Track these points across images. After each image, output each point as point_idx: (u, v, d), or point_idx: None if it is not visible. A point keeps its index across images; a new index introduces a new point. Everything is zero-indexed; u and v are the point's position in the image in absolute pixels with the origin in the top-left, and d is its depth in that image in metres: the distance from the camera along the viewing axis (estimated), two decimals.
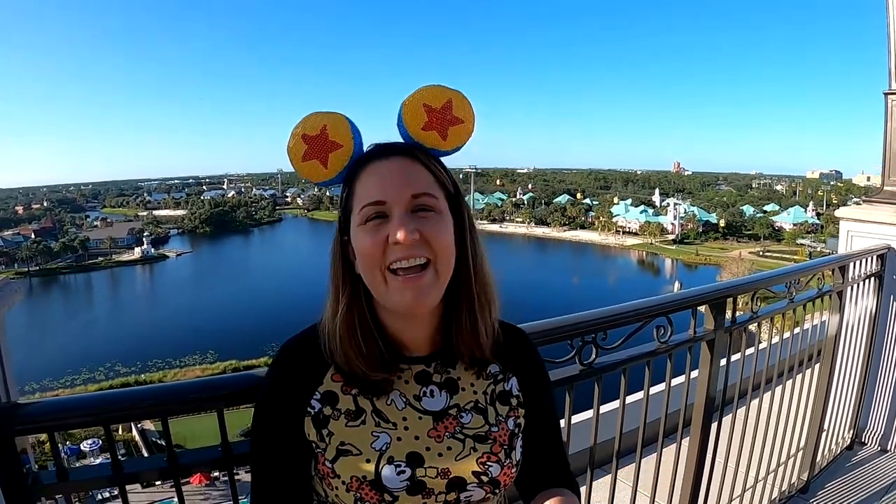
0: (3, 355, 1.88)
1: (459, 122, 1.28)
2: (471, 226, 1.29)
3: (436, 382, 1.31)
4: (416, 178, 1.21)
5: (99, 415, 1.50)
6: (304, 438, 1.25)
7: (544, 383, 1.47)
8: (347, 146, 1.22)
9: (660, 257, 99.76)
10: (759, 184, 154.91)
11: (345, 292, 1.25)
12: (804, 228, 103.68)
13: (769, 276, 3.16)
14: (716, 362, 2.78)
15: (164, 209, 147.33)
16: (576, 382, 2.16)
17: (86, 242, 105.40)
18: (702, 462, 2.89)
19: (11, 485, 1.42)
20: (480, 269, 1.29)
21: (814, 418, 3.82)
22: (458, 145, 1.31)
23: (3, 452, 1.40)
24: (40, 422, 1.47)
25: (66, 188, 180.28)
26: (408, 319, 1.27)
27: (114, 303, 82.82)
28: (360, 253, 1.20)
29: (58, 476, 1.49)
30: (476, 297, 1.27)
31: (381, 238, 1.16)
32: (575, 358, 2.15)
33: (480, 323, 1.28)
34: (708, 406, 2.82)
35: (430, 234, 1.17)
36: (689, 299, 2.63)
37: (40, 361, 50.25)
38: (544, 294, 71.21)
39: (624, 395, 2.39)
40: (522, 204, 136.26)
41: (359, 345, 1.23)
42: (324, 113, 1.22)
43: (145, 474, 1.55)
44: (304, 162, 1.22)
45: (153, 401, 1.48)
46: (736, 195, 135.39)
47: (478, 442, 1.28)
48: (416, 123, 1.25)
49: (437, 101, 1.26)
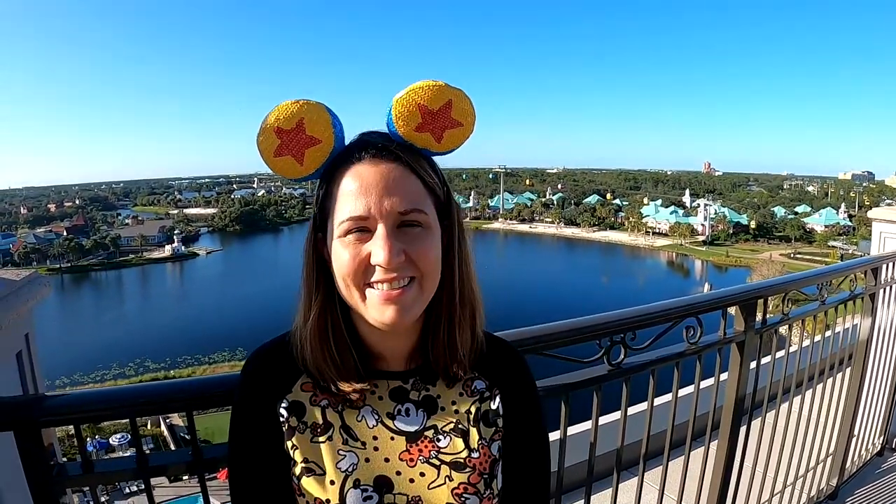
0: (32, 348, 1.88)
1: (458, 125, 1.17)
2: (460, 233, 1.19)
3: (412, 400, 1.20)
4: (405, 189, 1.09)
5: (124, 408, 1.50)
6: (282, 450, 1.16)
7: (531, 402, 1.32)
8: (327, 142, 1.12)
9: (690, 258, 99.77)
10: (790, 185, 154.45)
11: (318, 296, 1.16)
12: (836, 230, 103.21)
13: (800, 278, 3.10)
14: (746, 364, 2.73)
15: (195, 207, 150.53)
16: (603, 383, 2.13)
17: (117, 240, 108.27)
18: (730, 466, 2.84)
19: (37, 475, 1.43)
20: (466, 279, 1.20)
21: (844, 423, 3.75)
22: (453, 148, 1.19)
23: (29, 443, 1.41)
24: (66, 414, 1.47)
25: (98, 186, 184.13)
26: (386, 331, 1.13)
27: (144, 299, 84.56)
28: (337, 267, 1.10)
29: (83, 468, 1.49)
30: (457, 309, 1.18)
31: (362, 256, 1.07)
32: (603, 358, 2.11)
33: (458, 337, 1.18)
34: (737, 409, 2.78)
35: (417, 254, 1.08)
36: (720, 300, 2.58)
37: (71, 356, 51.37)
38: (573, 294, 71.12)
39: (652, 397, 2.34)
40: (552, 204, 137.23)
41: (331, 353, 1.14)
42: (301, 102, 1.10)
43: (170, 468, 1.54)
44: (277, 158, 1.11)
45: (178, 394, 1.48)
46: (767, 196, 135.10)
47: (454, 469, 1.16)
48: (409, 124, 1.13)
49: (434, 102, 1.13)
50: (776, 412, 3.11)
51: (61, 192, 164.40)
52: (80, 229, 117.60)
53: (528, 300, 68.77)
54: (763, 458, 3.10)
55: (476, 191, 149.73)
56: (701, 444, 2.76)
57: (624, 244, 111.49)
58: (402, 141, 1.14)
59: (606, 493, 2.46)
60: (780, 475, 3.29)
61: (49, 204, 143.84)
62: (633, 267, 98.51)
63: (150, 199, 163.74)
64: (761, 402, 3.00)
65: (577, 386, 2.07)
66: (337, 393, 1.15)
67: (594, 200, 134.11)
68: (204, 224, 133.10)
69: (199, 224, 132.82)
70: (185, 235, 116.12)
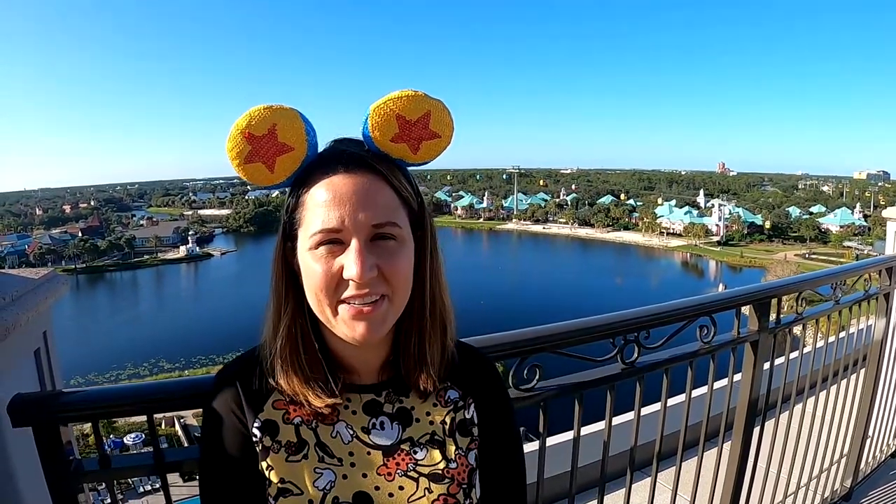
0: (50, 346, 1.90)
1: (435, 136, 1.13)
2: (433, 244, 1.17)
3: (387, 413, 1.18)
4: (379, 201, 1.06)
5: (141, 404, 1.51)
6: (255, 471, 1.13)
7: (504, 409, 1.31)
8: (300, 149, 1.08)
9: (704, 259, 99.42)
10: (805, 185, 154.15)
11: (288, 308, 1.13)
12: (851, 230, 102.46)
13: (814, 277, 3.08)
14: (759, 364, 2.71)
15: (209, 208, 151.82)
16: (617, 381, 2.12)
17: (132, 241, 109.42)
18: (743, 466, 2.83)
19: (54, 470, 1.44)
20: (437, 291, 1.18)
21: (858, 424, 3.73)
22: (429, 159, 1.16)
23: (47, 439, 1.42)
24: (83, 409, 1.48)
25: (113, 188, 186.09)
26: (356, 345, 1.11)
27: (159, 300, 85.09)
28: (308, 281, 1.07)
29: (100, 463, 1.50)
30: (428, 322, 1.17)
31: (334, 270, 1.04)
32: (616, 357, 2.11)
33: (429, 350, 1.17)
34: (751, 409, 2.76)
35: (389, 269, 1.06)
36: (733, 299, 2.57)
37: (86, 356, 51.62)
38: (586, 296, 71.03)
39: (666, 396, 2.33)
40: (566, 204, 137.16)
41: (302, 368, 1.12)
42: (273, 108, 1.06)
43: (186, 464, 1.55)
44: (247, 164, 1.07)
45: (195, 391, 1.48)
46: (781, 196, 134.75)
47: (433, 481, 1.15)
48: (386, 134, 1.10)
49: (412, 112, 1.10)
50: (790, 413, 3.09)
51: (76, 194, 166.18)
52: (95, 230, 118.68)
53: (541, 301, 68.66)
54: (777, 458, 3.08)
55: (490, 191, 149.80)
56: (714, 444, 2.75)
57: (638, 245, 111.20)
58: (378, 151, 1.12)
59: (619, 494, 2.46)
60: (794, 476, 3.27)
61: (64, 205, 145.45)
62: (647, 268, 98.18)
63: (165, 200, 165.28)
64: (775, 403, 2.98)
65: (591, 384, 2.07)
66: (310, 409, 1.13)
67: (608, 201, 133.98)
68: (218, 225, 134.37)
69: (214, 225, 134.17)
70: (199, 236, 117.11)
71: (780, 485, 3.19)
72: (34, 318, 1.73)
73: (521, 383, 1.88)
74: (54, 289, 1.92)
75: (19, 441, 1.52)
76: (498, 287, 79.45)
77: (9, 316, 1.56)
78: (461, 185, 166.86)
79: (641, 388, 2.24)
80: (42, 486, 1.46)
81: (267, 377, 1.15)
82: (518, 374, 1.87)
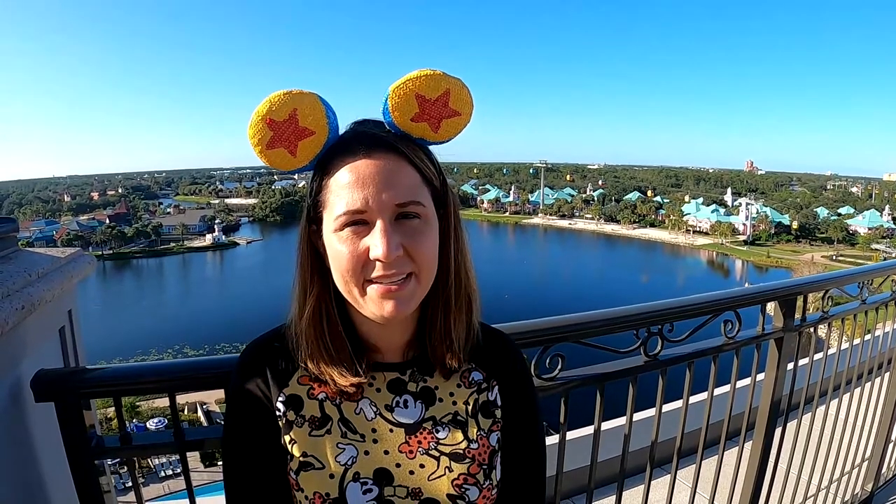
0: (74, 324, 1.92)
1: (455, 114, 1.14)
2: (457, 223, 1.18)
3: (410, 392, 1.20)
4: (402, 181, 1.07)
5: (164, 381, 1.52)
6: (278, 444, 1.16)
7: (528, 394, 1.32)
8: (321, 133, 1.09)
9: (730, 258, 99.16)
10: (833, 185, 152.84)
11: (313, 289, 1.15)
12: (879, 233, 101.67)
13: (841, 276, 3.02)
14: (783, 362, 2.68)
15: (236, 198, 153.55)
16: (639, 374, 2.10)
17: (158, 228, 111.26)
18: (764, 467, 2.80)
19: (76, 445, 1.46)
20: (462, 269, 1.19)
21: (881, 428, 3.67)
22: (450, 137, 1.17)
23: (70, 415, 1.44)
24: (105, 386, 1.50)
25: (141, 175, 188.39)
26: (383, 324, 1.13)
27: (184, 287, 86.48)
28: (335, 262, 1.09)
29: (121, 440, 1.52)
30: (453, 300, 1.18)
31: (360, 250, 1.05)
32: (640, 349, 2.09)
33: (455, 328, 1.18)
34: (773, 409, 2.73)
35: (415, 247, 1.07)
36: (759, 294, 2.53)
37: (111, 341, 52.57)
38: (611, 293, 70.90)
39: (688, 391, 2.31)
40: (592, 200, 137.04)
41: (327, 347, 1.14)
42: (293, 93, 1.06)
43: (207, 443, 1.56)
44: (270, 150, 1.08)
45: (217, 370, 1.48)
46: (810, 196, 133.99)
47: (454, 460, 1.16)
48: (406, 114, 1.11)
49: (432, 91, 1.10)
50: (812, 414, 3.05)
51: (104, 181, 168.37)
52: (123, 217, 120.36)
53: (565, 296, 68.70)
54: (798, 460, 3.05)
55: (516, 185, 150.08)
56: (735, 443, 2.73)
57: (664, 242, 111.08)
58: (398, 131, 1.13)
59: (638, 490, 2.44)
60: (815, 478, 3.24)
61: (92, 192, 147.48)
62: (673, 265, 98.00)
63: (192, 188, 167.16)
64: (798, 404, 2.95)
65: (613, 376, 2.05)
66: (334, 386, 1.15)
67: (635, 197, 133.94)
68: (244, 214, 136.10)
69: (240, 214, 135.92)
70: (225, 225, 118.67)
71: (800, 487, 3.16)
72: (59, 296, 1.75)
73: (543, 372, 1.87)
74: (80, 268, 1.93)
75: (41, 417, 1.54)
76: (523, 280, 79.50)
77: (35, 292, 1.57)
78: (488, 179, 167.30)
79: (664, 382, 2.22)
80: (63, 462, 1.47)
81: (293, 355, 1.17)
82: (541, 363, 1.86)
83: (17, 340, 1.53)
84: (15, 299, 1.48)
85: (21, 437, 1.54)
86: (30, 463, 1.57)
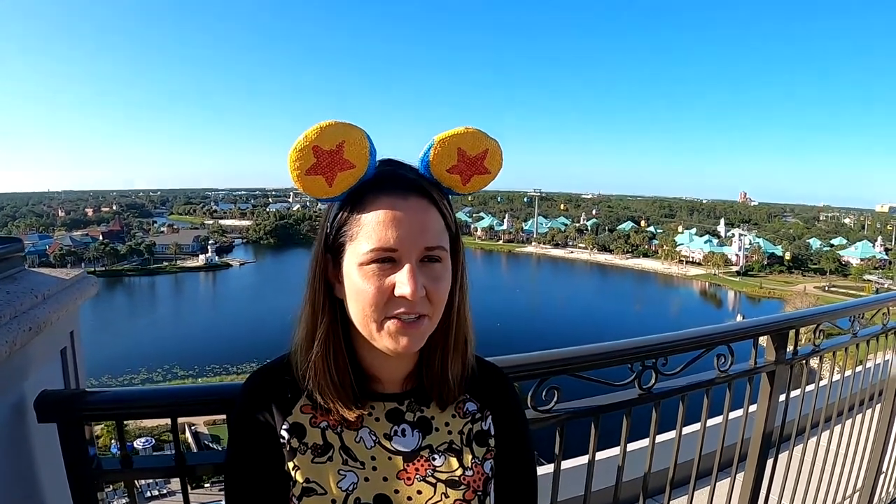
0: (76, 346, 1.93)
1: (486, 172, 1.21)
2: (463, 268, 1.24)
3: (408, 421, 1.24)
4: (432, 225, 1.12)
5: (165, 406, 1.54)
6: (281, 470, 1.18)
7: (520, 424, 1.37)
8: (360, 167, 1.11)
9: (723, 289, 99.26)
10: (826, 216, 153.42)
11: (324, 317, 1.17)
12: (872, 264, 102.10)
13: (833, 310, 3.06)
14: (775, 395, 2.70)
15: (230, 219, 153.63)
16: (633, 406, 2.13)
17: (152, 247, 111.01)
18: (755, 497, 2.81)
19: (76, 467, 1.47)
20: (462, 310, 1.23)
21: (872, 459, 3.68)
22: (474, 191, 1.24)
23: (71, 436, 1.45)
24: (108, 409, 1.52)
25: (136, 193, 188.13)
26: (388, 356, 1.17)
27: (176, 306, 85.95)
28: (357, 295, 1.11)
29: (122, 463, 1.53)
30: (452, 338, 1.22)
31: (385, 287, 1.08)
32: (634, 382, 2.12)
33: (451, 365, 1.23)
34: (765, 440, 2.74)
35: (434, 291, 1.11)
36: (751, 329, 2.57)
37: (102, 359, 51.84)
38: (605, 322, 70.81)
39: (681, 423, 2.34)
40: (586, 229, 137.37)
41: (332, 377, 1.16)
42: (344, 125, 1.08)
43: (207, 467, 1.57)
44: (307, 176, 1.09)
45: (219, 396, 1.51)
46: (802, 227, 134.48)
47: (450, 487, 1.20)
48: (444, 164, 1.16)
49: (473, 148, 1.17)
50: (804, 445, 3.07)
51: (99, 198, 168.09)
52: (116, 234, 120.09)
53: (558, 325, 68.52)
54: (789, 490, 3.05)
55: (510, 214, 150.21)
56: (727, 474, 2.74)
57: (657, 272, 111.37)
58: (431, 178, 1.18)
59: None
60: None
61: (87, 208, 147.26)
62: (666, 295, 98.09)
63: (187, 208, 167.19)
64: (789, 435, 2.97)
65: (608, 409, 2.07)
66: (337, 416, 1.18)
67: (628, 227, 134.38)
68: (238, 235, 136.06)
69: (234, 235, 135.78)
70: (219, 246, 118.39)
71: None
72: (63, 318, 1.77)
73: (539, 404, 1.90)
74: (84, 289, 1.95)
75: (42, 437, 1.55)
76: (516, 309, 79.27)
77: (41, 313, 1.59)
78: (482, 207, 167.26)
79: (657, 415, 2.25)
80: (63, 482, 1.49)
81: (297, 383, 1.20)
82: (537, 395, 1.89)
83: (23, 361, 1.54)
84: (23, 320, 1.50)
85: (22, 456, 1.55)
86: (30, 481, 1.58)
